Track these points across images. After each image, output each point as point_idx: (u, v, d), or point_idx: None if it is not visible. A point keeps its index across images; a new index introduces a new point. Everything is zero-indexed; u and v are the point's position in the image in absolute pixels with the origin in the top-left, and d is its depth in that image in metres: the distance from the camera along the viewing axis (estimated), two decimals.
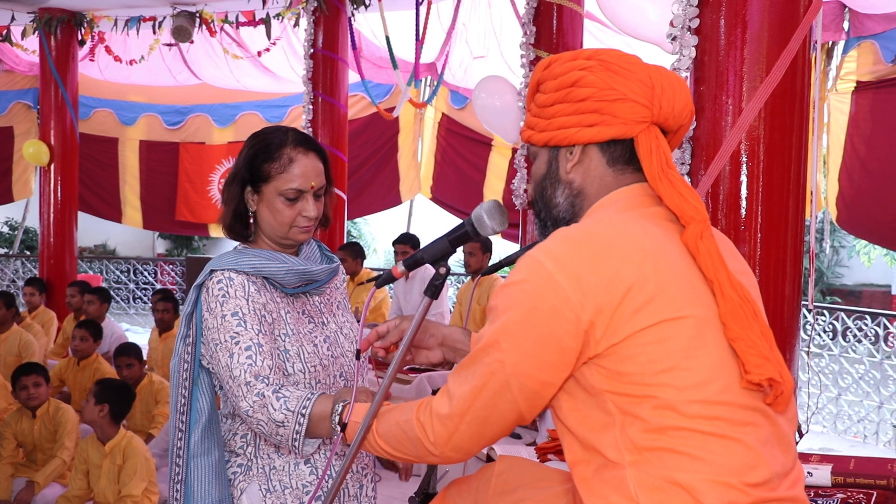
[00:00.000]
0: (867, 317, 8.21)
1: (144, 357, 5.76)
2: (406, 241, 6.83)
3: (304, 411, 1.93)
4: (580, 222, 1.61)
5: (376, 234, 19.35)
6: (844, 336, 8.24)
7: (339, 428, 1.84)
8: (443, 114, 9.67)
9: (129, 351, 5.43)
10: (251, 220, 2.19)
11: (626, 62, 1.59)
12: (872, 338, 8.02)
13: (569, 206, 1.65)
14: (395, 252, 7.11)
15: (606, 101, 1.57)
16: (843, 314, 8.28)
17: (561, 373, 1.48)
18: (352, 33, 7.23)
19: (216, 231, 11.20)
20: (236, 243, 2.23)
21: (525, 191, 5.25)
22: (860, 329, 8.18)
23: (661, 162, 1.57)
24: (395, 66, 7.18)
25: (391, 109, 7.96)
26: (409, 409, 1.65)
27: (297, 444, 1.94)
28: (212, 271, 2.11)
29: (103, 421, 4.20)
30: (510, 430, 1.58)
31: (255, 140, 2.17)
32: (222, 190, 2.20)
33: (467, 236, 1.76)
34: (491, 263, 5.83)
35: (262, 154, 2.13)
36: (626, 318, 1.43)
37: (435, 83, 8.65)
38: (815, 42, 3.25)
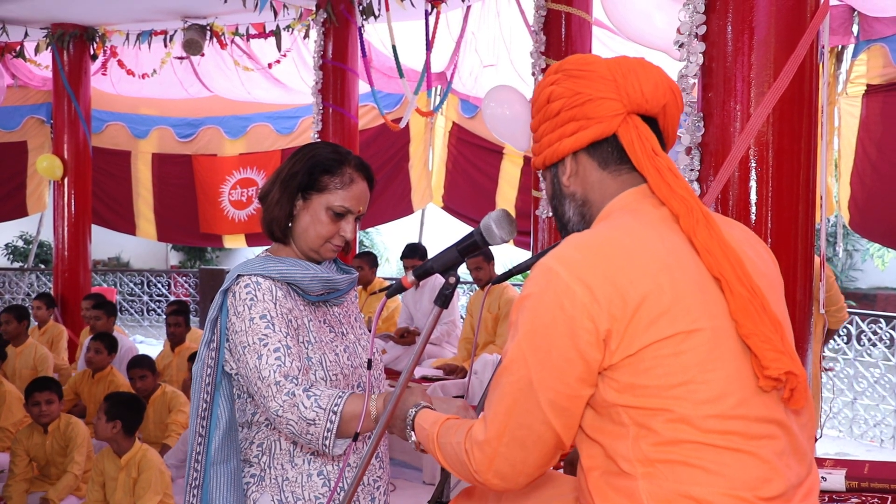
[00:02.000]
0: (882, 320, 8.17)
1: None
2: (413, 255, 6.78)
3: (336, 409, 1.94)
4: (594, 228, 1.61)
5: (388, 243, 19.37)
6: (859, 340, 8.20)
7: (412, 435, 1.81)
8: (453, 123, 9.66)
9: (142, 363, 5.45)
10: (289, 225, 2.21)
11: (585, 64, 1.61)
12: (888, 341, 7.98)
13: (579, 217, 1.66)
14: (404, 266, 7.09)
15: (577, 107, 1.59)
16: (857, 318, 8.23)
17: (587, 385, 1.47)
18: (362, 44, 7.25)
19: (230, 242, 11.20)
20: (250, 254, 2.25)
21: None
22: (875, 333, 8.14)
23: (646, 149, 1.57)
24: (401, 75, 7.19)
25: (400, 119, 7.97)
26: (463, 430, 1.62)
27: (327, 442, 1.94)
28: (238, 276, 2.12)
29: (118, 436, 4.20)
30: (552, 456, 1.54)
31: (314, 151, 2.20)
32: (269, 188, 2.21)
33: (476, 245, 1.77)
34: (501, 272, 5.80)
35: (322, 165, 2.16)
36: (641, 330, 1.42)
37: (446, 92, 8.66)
38: (823, 46, 3.25)
